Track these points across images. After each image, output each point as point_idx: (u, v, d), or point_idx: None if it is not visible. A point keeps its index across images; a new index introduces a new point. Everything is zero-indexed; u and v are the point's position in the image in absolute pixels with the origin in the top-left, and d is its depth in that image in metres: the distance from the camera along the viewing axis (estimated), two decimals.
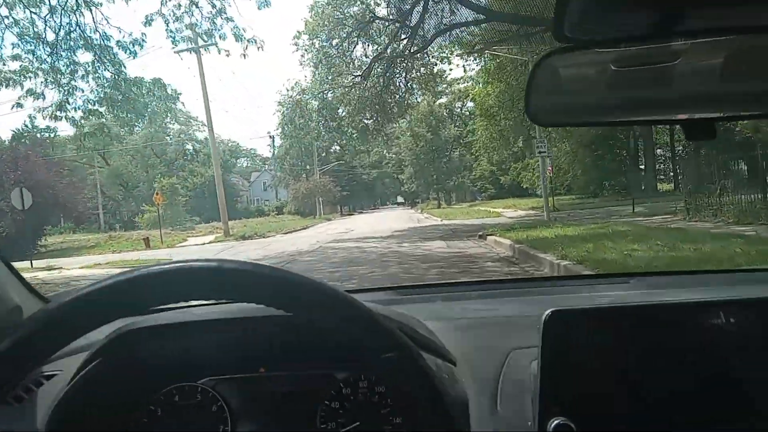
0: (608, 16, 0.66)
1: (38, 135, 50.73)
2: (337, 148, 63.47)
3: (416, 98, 20.43)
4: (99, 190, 47.64)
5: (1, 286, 1.11)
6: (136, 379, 1.04)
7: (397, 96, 18.66)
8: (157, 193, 23.15)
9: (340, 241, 16.18)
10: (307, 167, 49.88)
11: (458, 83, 53.26)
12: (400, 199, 74.57)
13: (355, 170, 58.92)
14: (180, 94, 55.30)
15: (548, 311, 0.84)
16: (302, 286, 0.63)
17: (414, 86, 18.56)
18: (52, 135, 51.54)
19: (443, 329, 1.08)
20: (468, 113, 48.47)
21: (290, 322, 0.90)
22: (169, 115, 54.41)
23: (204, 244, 21.18)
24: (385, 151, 59.78)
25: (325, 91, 18.96)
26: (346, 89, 17.89)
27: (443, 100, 46.77)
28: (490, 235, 12.68)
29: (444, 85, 49.18)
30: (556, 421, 0.80)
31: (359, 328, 0.65)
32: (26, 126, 45.94)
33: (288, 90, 23.49)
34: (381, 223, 25.74)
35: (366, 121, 19.50)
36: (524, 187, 30.94)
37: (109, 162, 51.20)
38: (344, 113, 18.76)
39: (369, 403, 1.04)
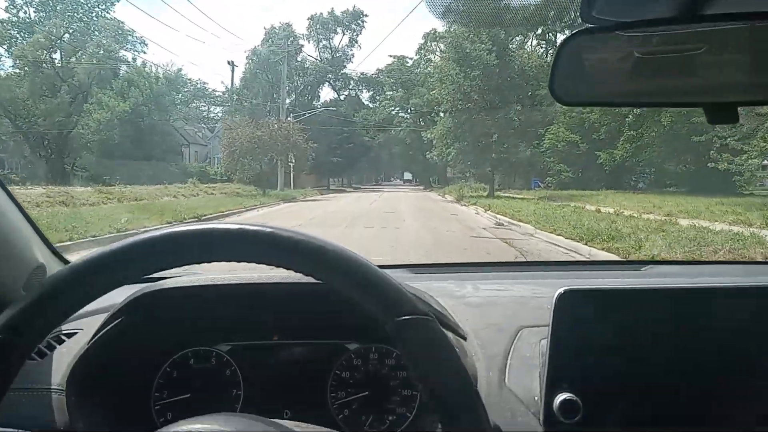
0: None
1: None
2: (333, 94, 45.45)
3: None
4: None
5: (26, 246, 1.11)
6: (154, 341, 1.07)
7: None
8: None
9: None
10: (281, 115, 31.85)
11: None
12: (407, 176, 60.69)
13: (354, 127, 40.82)
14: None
15: (561, 289, 0.87)
16: (324, 250, 0.64)
17: None
18: None
19: (455, 306, 1.10)
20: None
21: (305, 292, 0.96)
22: (92, 21, 36.74)
23: None
24: (398, 109, 41.80)
25: None
26: None
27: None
28: None
29: None
30: (562, 396, 0.83)
31: (377, 291, 0.64)
32: None
33: None
34: (382, 240, 8.74)
35: None
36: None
37: None
38: None
39: (379, 375, 1.07)
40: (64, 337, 1.06)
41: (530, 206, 15.36)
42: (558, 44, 0.76)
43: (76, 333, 1.06)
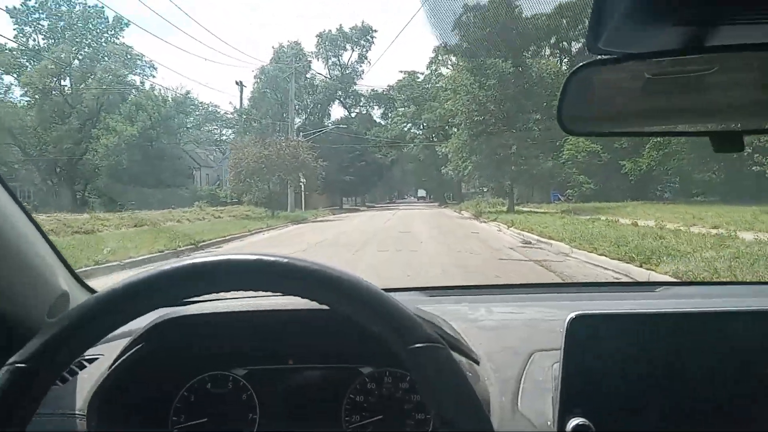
0: (641, 31, 0.68)
1: None
2: (344, 112, 44.76)
3: None
4: None
5: (50, 273, 1.13)
6: (172, 366, 1.09)
7: None
8: None
9: None
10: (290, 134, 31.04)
11: None
12: (421, 192, 60.60)
13: (365, 145, 39.95)
14: (126, 24, 36.47)
15: (572, 314, 0.86)
16: (339, 280, 0.67)
17: None
18: None
19: (468, 329, 1.10)
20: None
21: (319, 317, 0.94)
22: (101, 47, 36.53)
23: None
24: (410, 125, 40.93)
25: None
26: None
27: None
28: None
29: None
30: (575, 421, 0.82)
31: (391, 320, 0.67)
32: None
33: None
34: None
35: None
36: None
37: None
38: None
39: (393, 398, 1.08)
40: (85, 363, 1.06)
41: (556, 221, 14.26)
42: (567, 75, 0.76)
43: (97, 359, 1.06)
